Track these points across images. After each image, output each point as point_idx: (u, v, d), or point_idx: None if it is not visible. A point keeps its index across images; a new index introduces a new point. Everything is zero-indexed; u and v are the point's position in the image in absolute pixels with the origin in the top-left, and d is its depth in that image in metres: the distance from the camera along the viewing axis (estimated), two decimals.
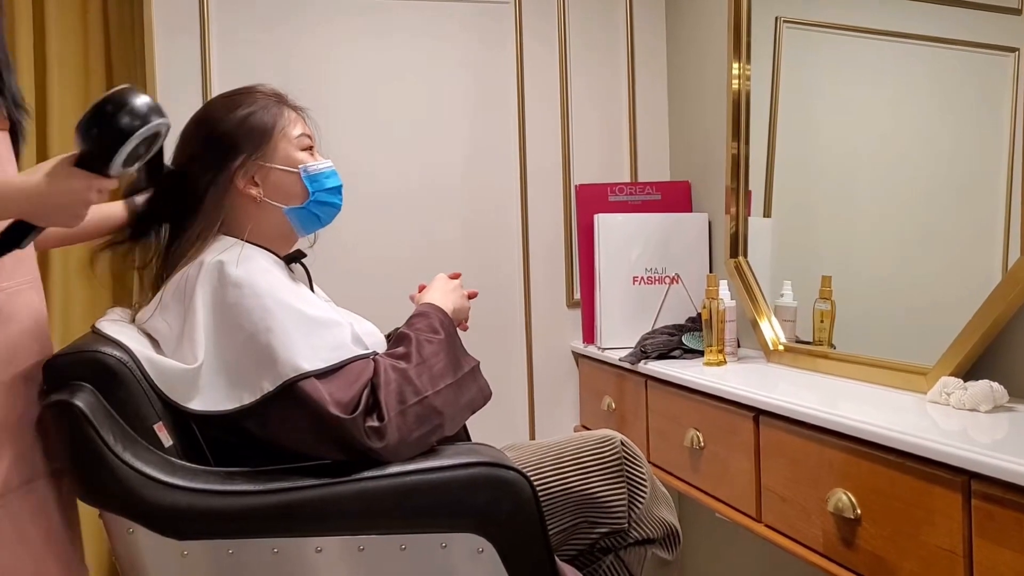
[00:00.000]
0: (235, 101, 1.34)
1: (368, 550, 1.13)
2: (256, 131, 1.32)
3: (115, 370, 1.13)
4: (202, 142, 1.32)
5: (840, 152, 1.92)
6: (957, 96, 1.59)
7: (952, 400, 1.33)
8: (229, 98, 1.36)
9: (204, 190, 1.29)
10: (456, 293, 1.46)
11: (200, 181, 1.29)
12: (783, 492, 1.46)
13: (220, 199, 1.30)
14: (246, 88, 1.38)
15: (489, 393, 1.34)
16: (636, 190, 2.53)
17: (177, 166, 1.32)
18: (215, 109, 1.36)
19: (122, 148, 1.04)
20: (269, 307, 1.18)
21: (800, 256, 2.06)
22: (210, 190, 1.29)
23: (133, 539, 1.11)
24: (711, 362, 1.95)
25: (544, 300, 2.62)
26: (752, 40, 2.13)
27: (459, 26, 2.55)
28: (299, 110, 1.39)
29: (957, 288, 1.55)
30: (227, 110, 1.33)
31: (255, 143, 1.31)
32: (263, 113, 1.33)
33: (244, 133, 1.31)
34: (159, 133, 1.09)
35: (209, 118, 1.34)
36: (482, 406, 1.32)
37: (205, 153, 1.30)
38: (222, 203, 1.30)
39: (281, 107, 1.36)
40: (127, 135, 1.03)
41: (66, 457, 1.11)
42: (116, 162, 1.04)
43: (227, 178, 1.30)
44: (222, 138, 1.30)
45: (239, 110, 1.32)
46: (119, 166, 1.05)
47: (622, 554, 1.46)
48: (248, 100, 1.34)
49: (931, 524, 1.12)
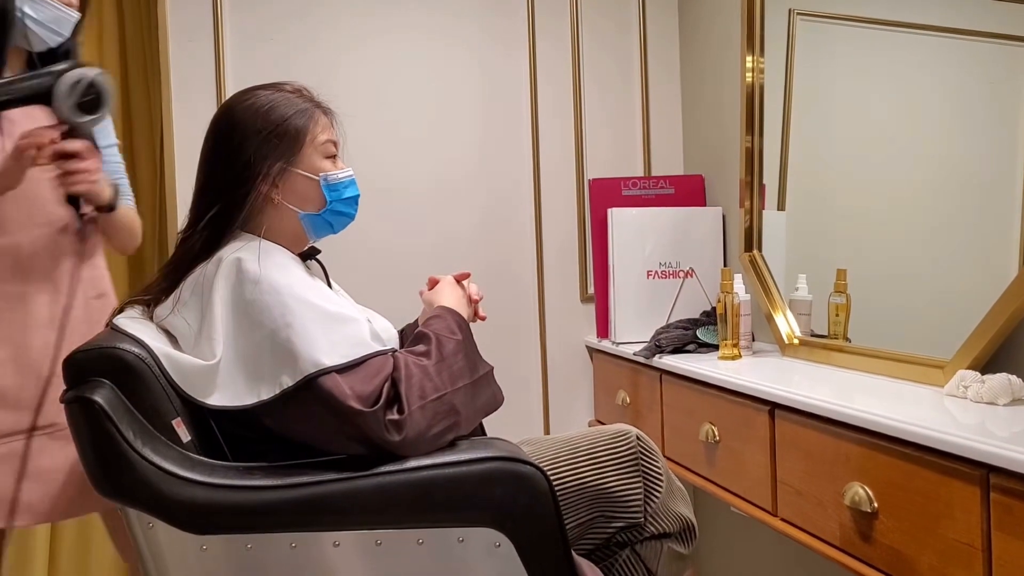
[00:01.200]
0: (269, 103, 1.31)
1: (385, 544, 1.14)
2: (288, 137, 1.30)
3: (134, 366, 1.14)
4: (233, 143, 1.29)
5: (855, 145, 1.91)
6: (974, 88, 1.58)
7: (970, 393, 1.33)
8: (262, 97, 1.33)
9: (228, 189, 1.29)
10: (463, 300, 1.47)
11: (224, 179, 1.29)
12: (799, 486, 1.45)
13: (243, 199, 1.29)
14: (278, 86, 1.36)
15: (502, 399, 1.35)
16: (649, 184, 2.52)
17: (206, 162, 1.32)
18: (249, 111, 1.31)
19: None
20: (288, 303, 1.18)
21: (815, 249, 2.05)
22: (234, 190, 1.29)
23: (152, 534, 1.12)
24: (726, 356, 1.95)
25: (558, 295, 2.63)
26: (766, 33, 2.12)
27: (471, 22, 2.55)
28: (328, 113, 1.38)
29: (974, 281, 1.54)
30: (261, 113, 1.30)
31: (285, 149, 1.30)
32: (296, 118, 1.31)
33: (276, 138, 1.29)
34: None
35: (242, 121, 1.31)
36: (495, 410, 1.33)
37: (234, 154, 1.29)
38: (244, 202, 1.30)
39: (314, 111, 1.34)
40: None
41: (86, 452, 1.12)
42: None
43: (252, 179, 1.29)
44: (254, 141, 1.29)
45: (273, 114, 1.30)
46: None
47: (638, 548, 1.46)
48: (283, 103, 1.32)
49: (949, 518, 1.11)
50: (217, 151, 1.31)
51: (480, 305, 1.54)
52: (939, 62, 1.66)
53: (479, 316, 1.53)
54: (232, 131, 1.31)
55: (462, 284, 1.52)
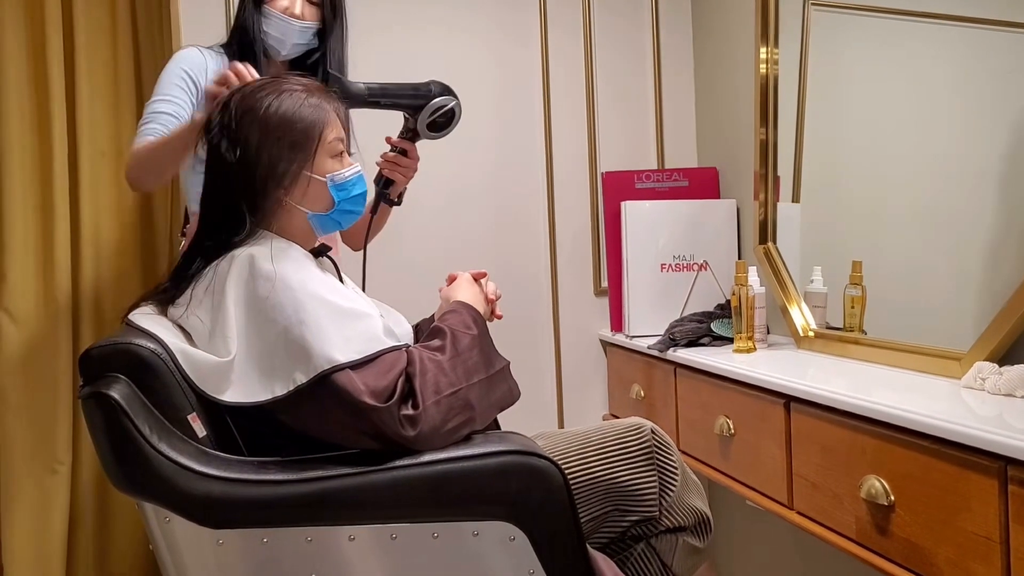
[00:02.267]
0: (280, 107, 1.29)
1: (400, 538, 1.14)
2: (299, 142, 1.29)
3: (149, 361, 1.15)
4: (247, 149, 1.28)
5: (870, 136, 1.89)
6: (989, 78, 1.56)
7: (987, 385, 1.32)
8: (272, 100, 1.30)
9: (239, 194, 1.28)
10: (480, 296, 1.46)
11: (236, 185, 1.28)
12: (815, 479, 1.45)
13: (255, 205, 1.29)
14: (283, 86, 1.33)
15: (518, 394, 1.34)
16: (663, 177, 2.51)
17: (216, 167, 1.31)
18: (259, 115, 1.29)
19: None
20: (301, 299, 1.18)
21: (830, 241, 2.04)
22: (246, 195, 1.28)
23: (169, 528, 1.13)
24: (741, 349, 1.94)
25: (571, 289, 2.62)
26: (780, 23, 2.11)
27: (483, 14, 2.55)
28: (336, 107, 1.36)
29: (990, 272, 1.53)
30: (273, 119, 1.28)
31: (297, 154, 1.29)
32: (307, 121, 1.30)
33: (288, 146, 1.28)
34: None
35: (253, 125, 1.28)
36: (510, 405, 1.32)
37: (246, 160, 1.28)
38: (256, 207, 1.29)
39: (323, 109, 1.33)
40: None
41: (102, 447, 1.13)
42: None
43: (264, 185, 1.28)
44: (266, 147, 1.28)
45: (285, 119, 1.29)
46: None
47: (653, 542, 1.46)
48: (293, 106, 1.30)
49: (967, 510, 1.10)
50: (227, 156, 1.29)
51: (496, 303, 1.54)
52: (956, 52, 1.65)
53: (496, 315, 1.53)
54: (243, 136, 1.28)
55: (479, 282, 1.51)
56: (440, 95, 1.68)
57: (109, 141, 2.12)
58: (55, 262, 2.01)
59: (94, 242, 2.08)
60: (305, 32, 1.82)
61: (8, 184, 2.00)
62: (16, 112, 2.01)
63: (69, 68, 2.07)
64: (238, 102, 1.31)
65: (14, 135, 2.01)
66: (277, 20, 1.79)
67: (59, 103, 2.02)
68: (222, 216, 1.29)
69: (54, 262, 2.01)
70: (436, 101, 1.67)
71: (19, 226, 2.00)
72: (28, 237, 2.02)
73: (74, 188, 2.06)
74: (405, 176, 1.78)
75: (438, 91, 1.69)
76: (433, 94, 1.68)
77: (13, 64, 2.01)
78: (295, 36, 1.81)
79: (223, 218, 1.29)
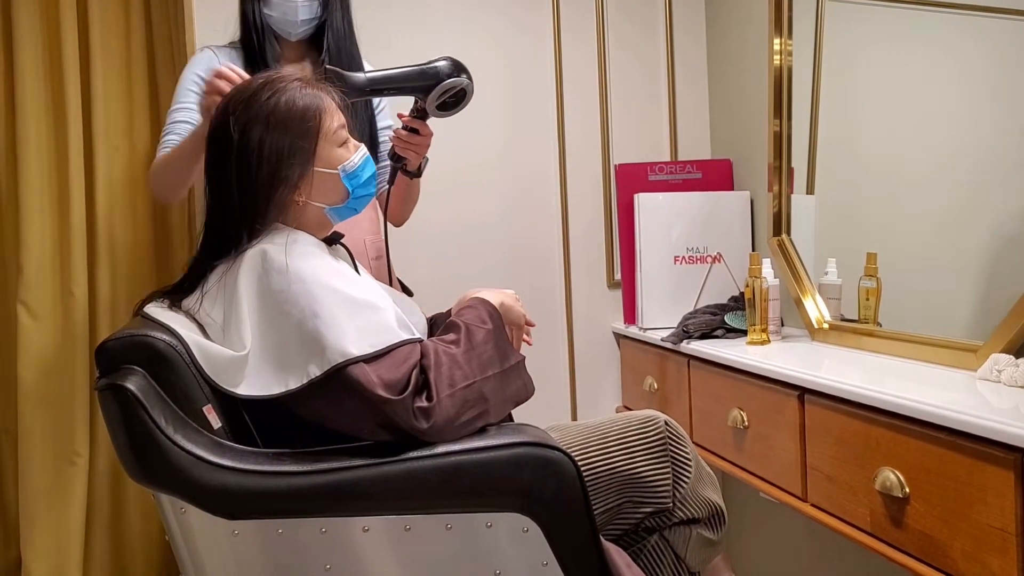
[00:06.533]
0: (277, 104, 1.28)
1: (414, 529, 1.15)
2: (303, 139, 1.29)
3: (165, 353, 1.15)
4: (248, 150, 1.27)
5: (884, 127, 1.88)
6: (1004, 68, 1.55)
7: (1003, 377, 1.31)
8: (268, 98, 1.29)
9: (248, 195, 1.27)
10: (509, 296, 1.45)
11: (243, 188, 1.27)
12: (829, 471, 1.44)
13: (265, 204, 1.28)
14: (278, 85, 1.31)
15: (533, 389, 1.33)
16: (676, 169, 2.50)
17: (220, 169, 1.30)
18: (259, 115, 1.28)
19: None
20: (314, 292, 1.18)
21: (844, 233, 2.03)
22: (255, 197, 1.27)
23: (185, 519, 1.14)
24: (754, 341, 1.93)
25: (585, 281, 2.62)
26: (794, 14, 2.10)
27: (496, 5, 2.54)
28: (332, 94, 1.35)
29: (1007, 263, 1.52)
30: (273, 117, 1.28)
31: (302, 150, 1.29)
32: (307, 114, 1.29)
33: (291, 145, 1.28)
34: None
35: (254, 125, 1.27)
36: (525, 400, 1.32)
37: (251, 162, 1.27)
38: (267, 206, 1.28)
39: (321, 99, 1.32)
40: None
41: (119, 439, 1.14)
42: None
43: (274, 186, 1.28)
44: (269, 146, 1.27)
45: (284, 116, 1.28)
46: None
47: (667, 534, 1.46)
48: (290, 100, 1.29)
49: (983, 503, 1.10)
50: (231, 159, 1.28)
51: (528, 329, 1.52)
52: (972, 43, 1.63)
53: (527, 340, 1.52)
54: (246, 137, 1.27)
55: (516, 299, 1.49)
56: (449, 76, 1.62)
57: (123, 137, 2.13)
58: (71, 256, 2.03)
59: (109, 236, 2.09)
60: (308, 6, 1.81)
61: (25, 180, 2.01)
62: (33, 110, 2.03)
63: (84, 67, 2.08)
64: (234, 110, 1.29)
65: (31, 132, 2.02)
66: (275, 1, 1.79)
67: (75, 101, 2.04)
68: (231, 219, 1.28)
69: (71, 256, 2.03)
70: (445, 83, 1.62)
71: (36, 221, 2.02)
72: (45, 231, 2.03)
73: (90, 184, 2.08)
74: (418, 153, 1.76)
75: (447, 70, 1.62)
76: (442, 75, 1.62)
77: (30, 63, 2.03)
78: (299, 12, 1.80)
79: (233, 221, 1.28)
